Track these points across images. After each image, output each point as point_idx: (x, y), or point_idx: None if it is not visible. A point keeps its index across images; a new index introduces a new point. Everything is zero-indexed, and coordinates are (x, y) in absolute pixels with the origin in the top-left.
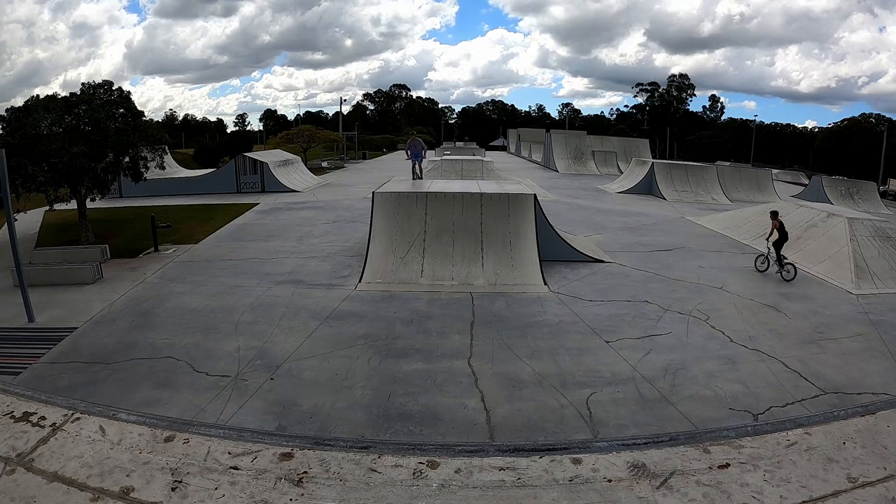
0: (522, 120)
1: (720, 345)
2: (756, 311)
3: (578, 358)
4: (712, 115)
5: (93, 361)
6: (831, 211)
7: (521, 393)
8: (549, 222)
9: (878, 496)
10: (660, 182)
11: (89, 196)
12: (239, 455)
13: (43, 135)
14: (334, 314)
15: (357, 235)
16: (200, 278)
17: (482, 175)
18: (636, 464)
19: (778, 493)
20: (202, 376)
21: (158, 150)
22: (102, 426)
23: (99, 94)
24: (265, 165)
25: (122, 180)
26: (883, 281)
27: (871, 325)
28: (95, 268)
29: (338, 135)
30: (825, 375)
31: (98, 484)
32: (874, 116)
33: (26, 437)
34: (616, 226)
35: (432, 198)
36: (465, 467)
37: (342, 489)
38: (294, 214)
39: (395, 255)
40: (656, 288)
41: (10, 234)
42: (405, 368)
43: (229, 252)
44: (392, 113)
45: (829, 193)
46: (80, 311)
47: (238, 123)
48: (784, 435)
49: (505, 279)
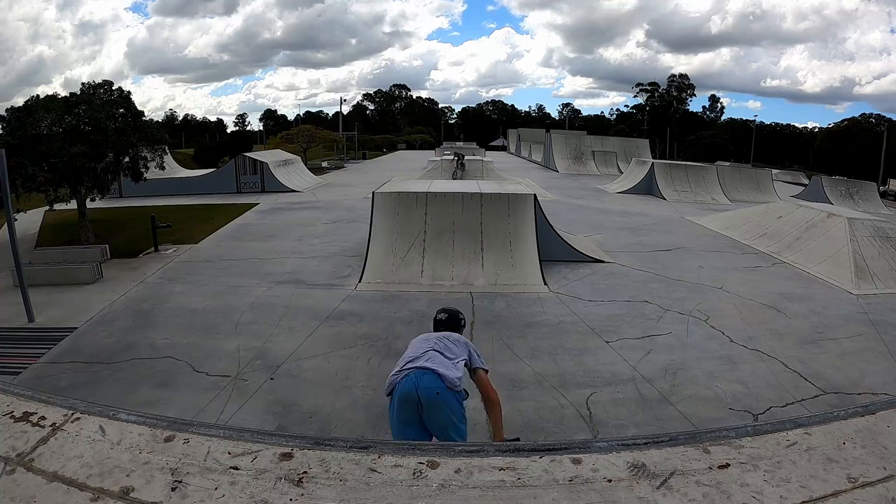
0: (522, 120)
1: (720, 345)
2: (756, 311)
3: (578, 358)
4: (712, 116)
5: (93, 361)
6: (831, 211)
7: (520, 393)
8: (549, 222)
9: (878, 496)
10: (660, 182)
11: (89, 196)
12: (239, 455)
13: (43, 135)
14: (334, 314)
15: (357, 235)
16: (200, 278)
17: (482, 175)
18: (636, 464)
19: (778, 494)
20: (202, 376)
21: (158, 150)
22: (102, 426)
23: (99, 94)
24: (265, 165)
25: (122, 180)
26: (883, 281)
27: (871, 325)
28: (95, 268)
29: (338, 135)
30: (825, 375)
31: (98, 484)
32: (874, 117)
33: (26, 437)
34: (616, 226)
35: (432, 198)
36: (465, 467)
37: (342, 489)
38: (294, 214)
39: (395, 255)
40: (656, 288)
41: (10, 234)
42: None
43: (229, 252)
44: (392, 113)
45: (829, 193)
46: (80, 311)
47: (238, 123)
48: (784, 435)
49: (505, 279)
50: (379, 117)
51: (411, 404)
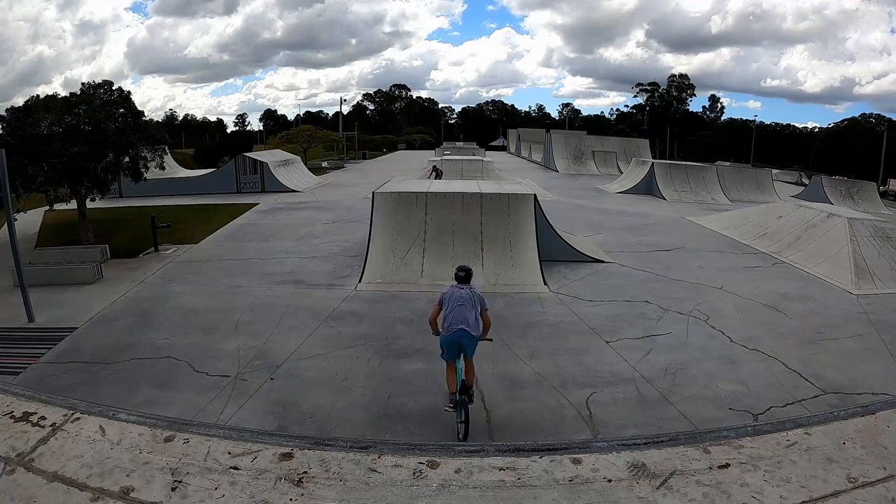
0: (522, 120)
1: (720, 345)
2: (756, 311)
3: (578, 358)
4: (712, 116)
5: (93, 361)
6: (831, 211)
7: (521, 393)
8: (549, 222)
9: (878, 496)
10: (660, 182)
11: (89, 196)
12: (239, 455)
13: (43, 135)
14: (334, 314)
15: (357, 235)
16: (200, 278)
17: (482, 175)
18: (636, 464)
19: (778, 494)
20: (202, 376)
21: (158, 150)
22: (102, 426)
23: (99, 94)
24: (265, 165)
25: (122, 180)
26: (883, 281)
27: (871, 325)
28: (95, 268)
29: (338, 135)
30: (825, 375)
31: (98, 484)
32: (874, 116)
33: (26, 437)
34: (616, 226)
35: (432, 198)
36: (465, 467)
37: (342, 489)
38: (294, 214)
39: (395, 255)
40: (656, 288)
41: (10, 234)
42: (405, 368)
43: (229, 252)
44: (392, 113)
45: (829, 193)
46: (80, 311)
47: (238, 123)
48: (784, 435)
49: (505, 279)
50: (379, 117)
51: (456, 345)
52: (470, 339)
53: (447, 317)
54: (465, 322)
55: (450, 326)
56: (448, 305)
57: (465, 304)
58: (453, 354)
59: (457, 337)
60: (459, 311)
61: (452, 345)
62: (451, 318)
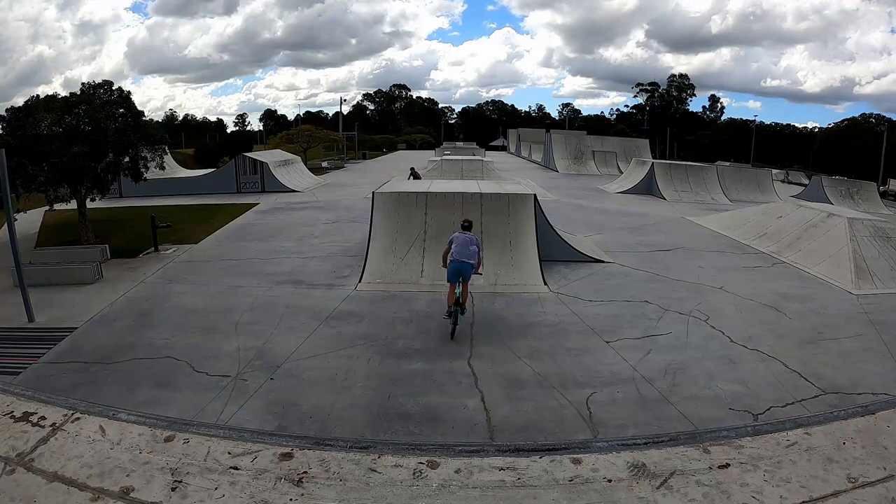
0: (522, 120)
1: (720, 345)
2: (756, 311)
3: (578, 358)
4: (712, 116)
5: (93, 361)
6: (831, 211)
7: (521, 393)
8: (549, 222)
9: (878, 496)
10: (660, 182)
11: (89, 196)
12: (239, 455)
13: (43, 135)
14: (334, 314)
15: (357, 235)
16: (200, 278)
17: (482, 175)
18: (636, 464)
19: (778, 494)
20: (202, 376)
21: (158, 150)
22: (102, 426)
23: (99, 94)
24: (265, 165)
25: (122, 180)
26: (883, 281)
27: (871, 325)
28: (95, 268)
29: (338, 135)
30: (825, 375)
31: (98, 484)
32: (874, 116)
33: (26, 437)
34: (616, 226)
35: (432, 198)
36: (465, 467)
37: (342, 489)
38: (294, 214)
39: (395, 255)
40: (656, 288)
41: (10, 234)
42: (405, 368)
43: (229, 252)
44: (392, 113)
45: (829, 193)
46: (80, 311)
47: (238, 123)
48: (784, 435)
49: (505, 279)
50: (379, 117)
51: (457, 272)
52: (469, 268)
53: (454, 252)
54: (466, 256)
55: (455, 258)
56: (455, 244)
57: (467, 244)
58: (454, 279)
59: (459, 266)
60: (463, 248)
61: (456, 272)
62: (456, 253)
